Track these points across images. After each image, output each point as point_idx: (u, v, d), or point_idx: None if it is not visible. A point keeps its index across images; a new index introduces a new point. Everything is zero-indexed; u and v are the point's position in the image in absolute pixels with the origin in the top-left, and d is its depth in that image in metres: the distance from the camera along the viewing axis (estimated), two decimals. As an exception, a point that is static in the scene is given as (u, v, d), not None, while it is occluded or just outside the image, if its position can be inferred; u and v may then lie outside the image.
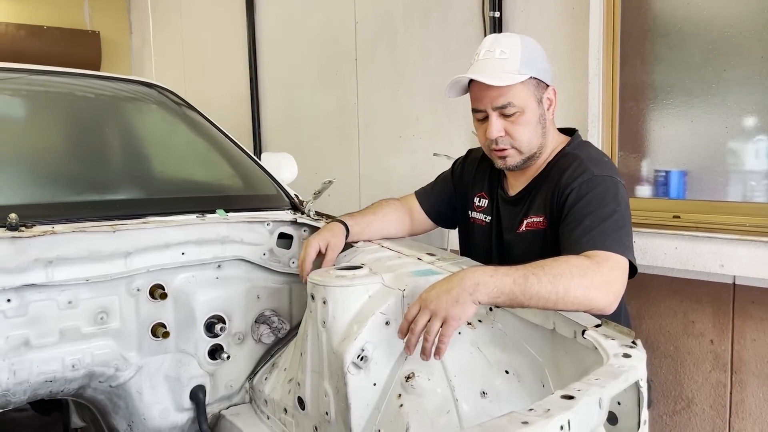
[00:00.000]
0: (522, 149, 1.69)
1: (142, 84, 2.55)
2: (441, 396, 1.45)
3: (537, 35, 2.73)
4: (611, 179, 1.61)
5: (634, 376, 1.16)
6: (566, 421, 0.93)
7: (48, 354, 1.67)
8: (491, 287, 1.37)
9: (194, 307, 1.86)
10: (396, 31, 3.45)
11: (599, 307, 1.41)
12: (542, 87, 1.69)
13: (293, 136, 4.30)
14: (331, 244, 1.79)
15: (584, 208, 1.55)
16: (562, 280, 1.37)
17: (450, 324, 1.36)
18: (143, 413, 1.85)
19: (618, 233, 1.51)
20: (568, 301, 1.37)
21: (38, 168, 2.02)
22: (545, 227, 1.68)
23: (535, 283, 1.36)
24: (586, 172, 1.61)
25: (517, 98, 1.64)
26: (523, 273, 1.38)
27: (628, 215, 1.59)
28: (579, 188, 1.59)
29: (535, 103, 1.67)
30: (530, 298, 1.36)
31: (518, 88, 1.63)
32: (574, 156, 1.69)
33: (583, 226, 1.52)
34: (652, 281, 2.41)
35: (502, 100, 1.64)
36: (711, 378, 2.34)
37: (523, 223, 1.72)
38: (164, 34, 5.59)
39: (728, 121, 2.25)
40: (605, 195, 1.57)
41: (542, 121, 1.70)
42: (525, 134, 1.67)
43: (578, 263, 1.42)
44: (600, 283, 1.40)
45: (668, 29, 2.40)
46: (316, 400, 1.64)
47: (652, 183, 2.49)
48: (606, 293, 1.41)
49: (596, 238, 1.49)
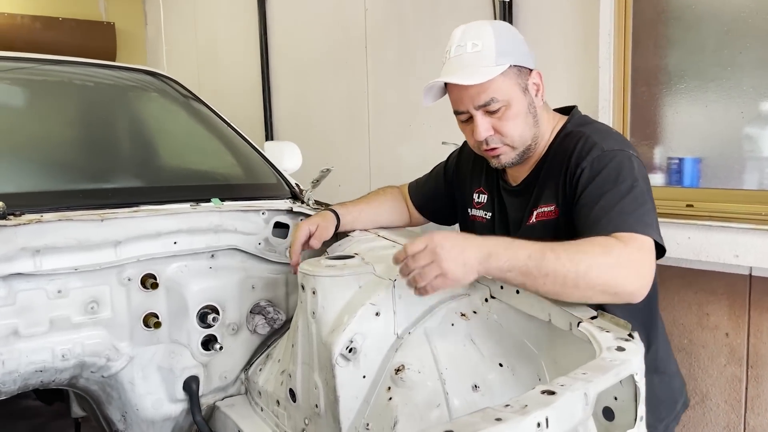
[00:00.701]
0: (515, 144, 1.56)
1: (145, 72, 2.54)
2: (431, 389, 1.41)
3: (548, 19, 2.68)
4: (623, 153, 1.46)
5: (627, 371, 1.10)
6: (544, 418, 0.88)
7: (37, 344, 1.66)
8: (503, 259, 1.27)
9: (187, 297, 1.83)
10: (406, 17, 3.40)
11: (628, 290, 1.28)
12: (525, 73, 1.54)
13: (304, 125, 4.27)
14: (321, 225, 1.75)
15: (599, 188, 1.42)
16: (584, 258, 1.25)
17: (447, 280, 1.28)
18: (136, 404, 1.83)
19: (639, 210, 1.37)
20: (590, 280, 1.25)
21: (31, 156, 2.01)
22: (557, 217, 1.54)
23: (552, 259, 1.25)
24: (595, 148, 1.47)
25: (499, 92, 1.50)
26: (541, 248, 1.28)
27: (648, 189, 1.44)
28: (591, 167, 1.45)
29: (520, 93, 1.53)
30: (546, 275, 1.25)
31: (499, 80, 1.49)
32: (579, 133, 1.54)
33: (600, 207, 1.39)
34: (666, 272, 2.33)
35: (484, 97, 1.50)
36: (726, 372, 2.27)
37: (533, 214, 1.58)
38: (178, 25, 5.59)
39: (744, 105, 2.16)
40: (621, 170, 1.43)
41: (532, 110, 1.56)
42: (515, 128, 1.54)
43: (602, 241, 1.31)
44: (627, 262, 1.28)
45: (682, 11, 2.31)
46: (306, 393, 1.61)
47: (665, 171, 2.41)
48: (636, 275, 1.29)
49: (616, 218, 1.35)
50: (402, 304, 1.50)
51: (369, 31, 3.67)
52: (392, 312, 1.50)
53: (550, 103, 1.71)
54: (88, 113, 2.29)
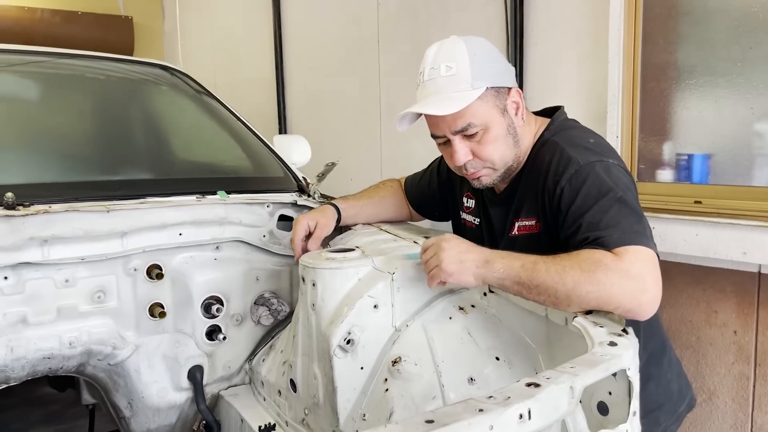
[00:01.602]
0: (495, 167, 1.52)
1: (157, 66, 2.56)
2: (427, 382, 1.42)
3: (559, 14, 2.66)
4: (601, 163, 1.42)
5: (617, 365, 1.10)
6: (526, 409, 0.89)
7: (45, 331, 1.70)
8: (499, 267, 1.32)
9: (192, 288, 1.86)
10: (417, 12, 3.40)
11: (625, 306, 1.25)
12: (503, 93, 1.50)
13: (317, 119, 4.29)
14: (320, 223, 1.76)
15: (581, 206, 1.38)
16: (570, 272, 1.25)
17: (441, 271, 1.38)
18: (142, 392, 1.86)
19: (625, 221, 1.33)
20: (580, 296, 1.24)
21: (40, 148, 2.05)
22: (539, 231, 1.52)
23: (543, 270, 1.27)
24: (570, 163, 1.42)
25: (477, 116, 1.45)
26: (534, 259, 1.30)
27: (633, 197, 1.41)
28: (569, 185, 1.41)
29: (498, 115, 1.49)
30: (537, 285, 1.28)
31: (476, 105, 1.44)
32: (553, 145, 1.50)
33: (586, 225, 1.35)
34: (675, 269, 2.32)
35: (461, 123, 1.46)
36: (734, 370, 2.25)
37: (515, 226, 1.58)
38: (194, 19, 5.64)
39: (754, 102, 2.13)
40: (600, 184, 1.38)
41: (511, 131, 1.51)
42: (495, 152, 1.50)
43: (589, 256, 1.28)
44: (617, 279, 1.24)
45: (692, 6, 2.29)
46: (306, 383, 1.63)
47: (674, 167, 2.39)
48: (632, 292, 1.25)
49: (603, 234, 1.31)
50: (400, 297, 1.52)
51: (381, 26, 3.68)
52: (390, 305, 1.51)
53: (561, 98, 1.68)
54: (98, 106, 2.32)
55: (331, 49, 4.11)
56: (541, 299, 1.30)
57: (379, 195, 1.92)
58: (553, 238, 1.48)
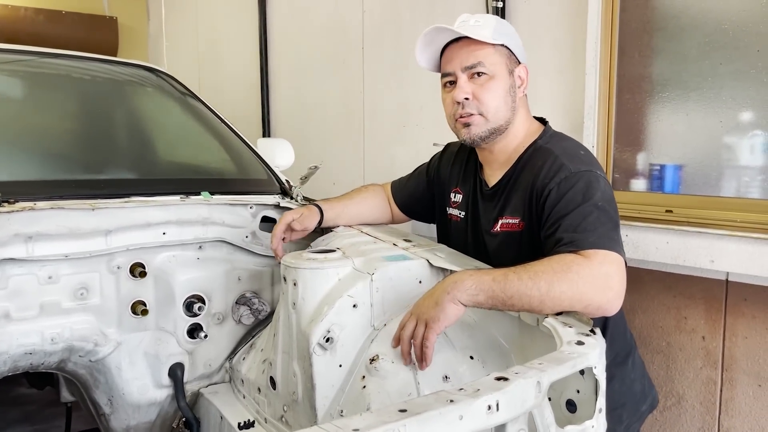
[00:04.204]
0: (488, 116, 1.62)
1: (142, 68, 2.59)
2: (403, 379, 1.46)
3: (539, 26, 2.73)
4: (590, 173, 1.52)
5: (584, 363, 1.16)
6: (494, 401, 0.94)
7: (27, 327, 1.72)
8: (469, 284, 1.34)
9: (174, 287, 1.89)
10: (403, 20, 3.45)
11: (595, 303, 1.33)
12: (514, 61, 1.65)
13: (301, 123, 4.32)
14: (303, 215, 1.81)
15: (565, 208, 1.47)
16: (543, 276, 1.31)
17: (431, 327, 1.35)
18: (122, 388, 1.89)
19: (602, 228, 1.42)
20: (554, 297, 1.30)
21: (26, 146, 2.06)
22: (521, 230, 1.60)
23: (515, 280, 1.32)
24: (562, 169, 1.53)
25: (488, 61, 1.59)
26: (504, 272, 1.35)
27: (614, 209, 1.51)
28: (558, 188, 1.50)
29: (506, 72, 1.62)
30: (511, 296, 1.32)
31: (490, 51, 1.60)
32: (547, 151, 1.60)
33: (565, 226, 1.44)
34: (646, 276, 2.39)
35: (473, 59, 1.59)
36: (702, 375, 2.31)
37: (498, 223, 1.65)
38: (179, 21, 5.64)
39: (723, 115, 2.21)
40: (586, 190, 1.48)
41: (512, 93, 1.64)
42: (493, 100, 1.61)
43: (560, 259, 1.36)
44: (589, 277, 1.33)
45: (666, 22, 2.36)
46: (285, 380, 1.66)
47: (646, 177, 2.46)
48: (601, 289, 1.34)
49: (580, 236, 1.40)
50: (379, 297, 1.56)
51: (366, 33, 3.72)
52: (369, 304, 1.56)
53: (539, 108, 1.77)
54: (84, 106, 2.34)
55: (316, 54, 4.14)
56: (516, 308, 1.35)
57: (361, 197, 1.97)
58: (534, 238, 1.56)
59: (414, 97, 3.39)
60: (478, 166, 1.78)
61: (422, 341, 1.37)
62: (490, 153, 1.70)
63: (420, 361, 1.40)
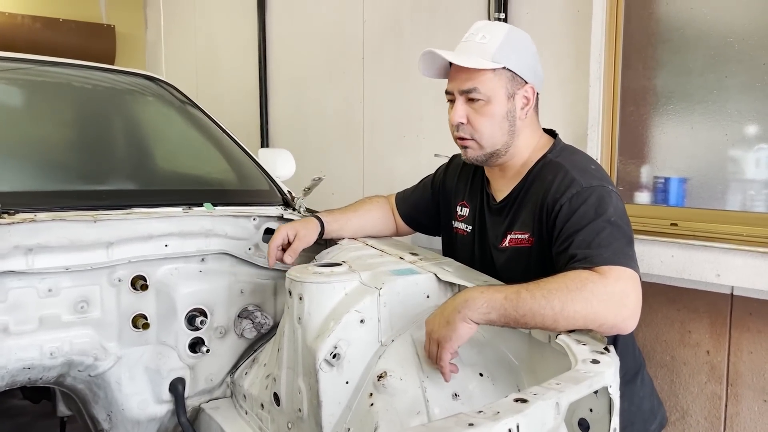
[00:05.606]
0: (482, 143, 1.60)
1: (143, 77, 2.57)
2: (412, 397, 1.43)
3: (541, 38, 2.72)
4: (602, 188, 1.49)
5: (600, 383, 1.13)
6: (515, 424, 0.91)
7: (26, 341, 1.68)
8: (480, 302, 1.31)
9: (176, 300, 1.86)
10: (402, 30, 3.44)
11: (610, 322, 1.29)
12: (518, 82, 1.59)
13: (300, 133, 4.30)
14: (300, 234, 1.78)
15: (577, 223, 1.44)
16: (557, 294, 1.28)
17: (443, 347, 1.34)
18: (122, 404, 1.85)
19: (616, 243, 1.39)
20: (568, 316, 1.27)
21: (26, 156, 2.04)
22: (530, 246, 1.57)
23: (528, 298, 1.28)
24: (573, 184, 1.50)
25: (484, 86, 1.55)
26: (516, 289, 1.31)
27: (626, 224, 1.47)
28: (569, 203, 1.47)
29: (504, 97, 1.57)
30: (524, 314, 1.28)
31: (488, 75, 1.55)
32: (557, 165, 1.57)
33: (578, 242, 1.41)
34: (651, 289, 2.37)
35: (469, 84, 1.56)
36: (706, 389, 2.30)
37: (507, 238, 1.62)
38: (178, 30, 5.63)
39: (728, 128, 2.20)
40: (598, 205, 1.45)
41: (510, 118, 1.59)
42: (486, 127, 1.58)
43: (575, 276, 1.33)
44: (604, 295, 1.29)
45: (671, 34, 2.36)
46: (290, 397, 1.63)
47: (651, 189, 2.45)
48: (616, 307, 1.30)
49: (593, 252, 1.37)
50: (386, 312, 1.54)
51: (366, 43, 3.71)
52: (377, 320, 1.53)
53: (543, 120, 1.74)
54: (84, 115, 2.32)
55: (315, 64, 4.13)
56: (528, 326, 1.32)
57: (365, 209, 1.94)
58: (543, 254, 1.53)
59: (414, 108, 3.37)
60: (485, 180, 1.75)
61: (437, 360, 1.36)
62: (497, 169, 1.69)
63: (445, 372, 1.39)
